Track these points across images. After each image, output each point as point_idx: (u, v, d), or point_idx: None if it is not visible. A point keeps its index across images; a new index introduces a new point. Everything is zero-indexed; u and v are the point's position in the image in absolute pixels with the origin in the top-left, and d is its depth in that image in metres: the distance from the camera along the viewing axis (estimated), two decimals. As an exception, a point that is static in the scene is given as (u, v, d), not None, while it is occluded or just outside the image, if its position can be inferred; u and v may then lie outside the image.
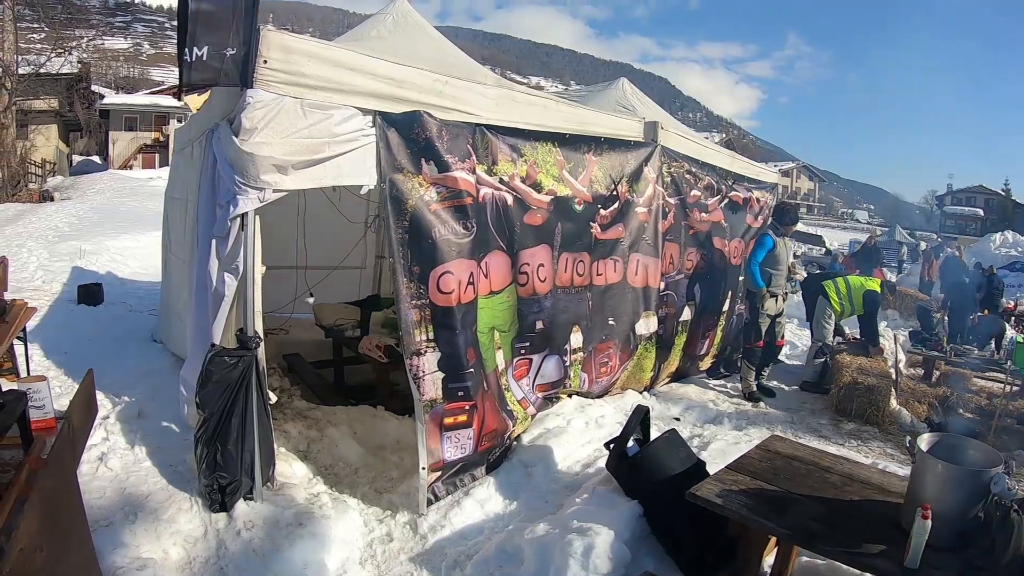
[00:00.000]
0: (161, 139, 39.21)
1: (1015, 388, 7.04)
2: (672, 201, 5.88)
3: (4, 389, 2.96)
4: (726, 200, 6.97)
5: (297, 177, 3.37)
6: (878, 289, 7.17)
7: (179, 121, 37.36)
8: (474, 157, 3.89)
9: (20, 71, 26.12)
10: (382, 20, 5.23)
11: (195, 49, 3.40)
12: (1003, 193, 60.46)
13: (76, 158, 41.19)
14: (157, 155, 39.33)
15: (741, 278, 7.20)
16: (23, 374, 5.02)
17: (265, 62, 3.22)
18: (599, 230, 4.97)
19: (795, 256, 23.56)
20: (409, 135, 3.59)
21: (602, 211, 4.97)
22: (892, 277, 18.15)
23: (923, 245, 28.28)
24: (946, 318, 10.58)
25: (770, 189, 8.53)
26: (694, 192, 6.26)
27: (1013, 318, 11.22)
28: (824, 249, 28.68)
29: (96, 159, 42.65)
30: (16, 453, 2.55)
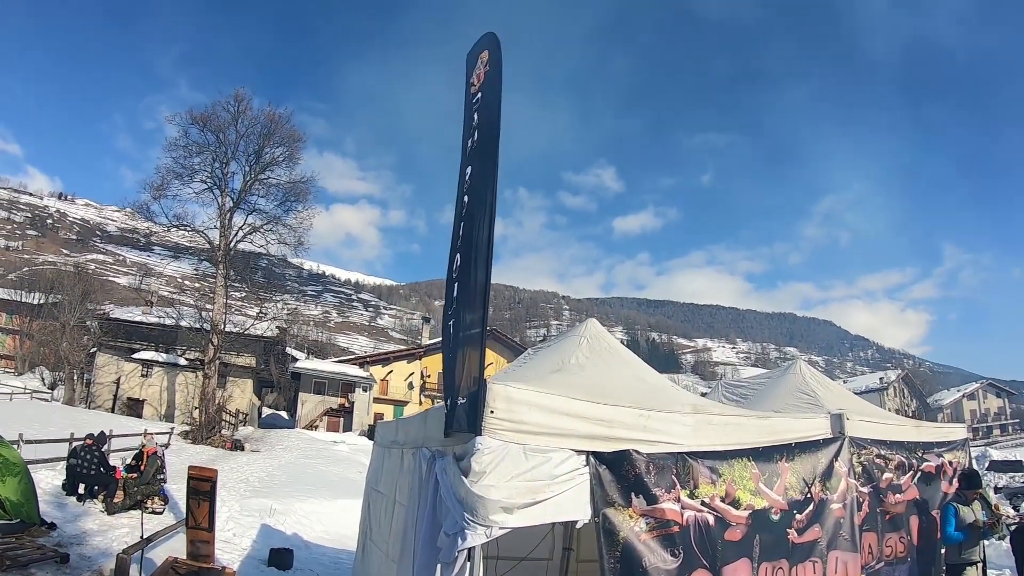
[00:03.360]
0: (346, 405, 42.69)
1: None
2: (865, 490, 5.73)
3: None
4: (918, 474, 6.66)
5: (521, 516, 3.73)
6: None
7: (364, 391, 41.18)
8: (678, 486, 4.15)
9: (226, 330, 30.41)
10: (578, 344, 5.85)
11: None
12: None
13: (265, 410, 45.38)
14: (341, 419, 42.48)
15: (943, 550, 6.66)
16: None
17: (492, 412, 3.76)
18: (796, 535, 4.89)
19: (996, 489, 20.96)
20: (619, 472, 3.94)
21: (797, 516, 4.93)
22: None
23: None
24: None
25: (960, 446, 8.06)
26: (886, 475, 6.07)
27: None
28: (1027, 474, 25.24)
29: (283, 414, 46.85)
30: None
